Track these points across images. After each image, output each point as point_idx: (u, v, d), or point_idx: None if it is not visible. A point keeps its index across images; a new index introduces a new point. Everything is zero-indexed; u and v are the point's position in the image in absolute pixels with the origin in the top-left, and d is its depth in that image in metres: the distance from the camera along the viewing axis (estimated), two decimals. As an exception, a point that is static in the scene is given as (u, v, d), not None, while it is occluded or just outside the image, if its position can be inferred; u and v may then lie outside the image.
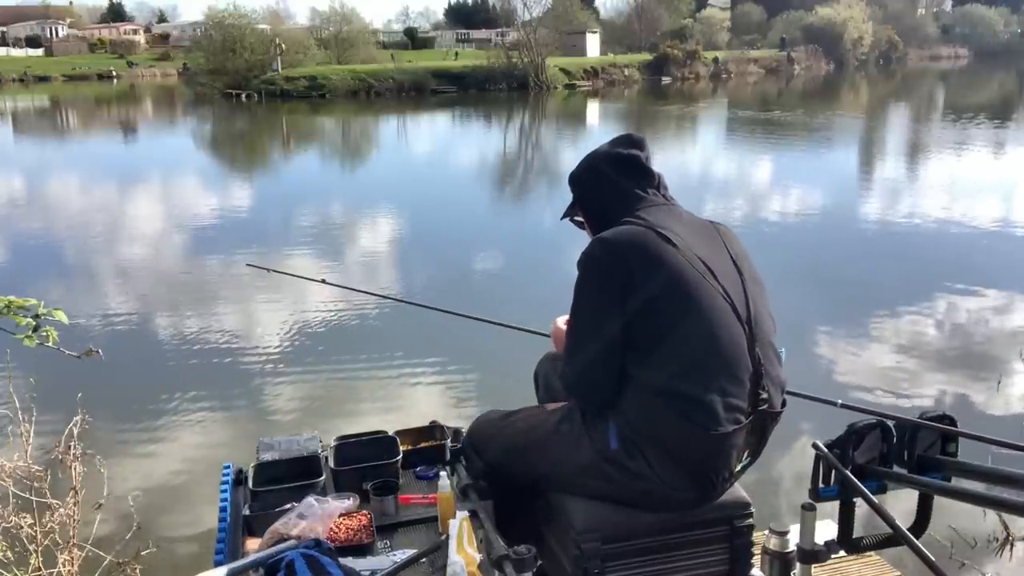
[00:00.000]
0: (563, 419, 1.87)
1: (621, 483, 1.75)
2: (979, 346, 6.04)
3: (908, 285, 7.51)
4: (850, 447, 1.69)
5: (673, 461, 1.70)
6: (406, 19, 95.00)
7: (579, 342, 1.77)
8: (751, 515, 1.82)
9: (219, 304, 7.44)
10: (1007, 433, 1.73)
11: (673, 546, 1.79)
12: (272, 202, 13.25)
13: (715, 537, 1.82)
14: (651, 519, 1.76)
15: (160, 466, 4.45)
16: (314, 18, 55.80)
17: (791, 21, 61.24)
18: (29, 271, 8.90)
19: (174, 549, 3.59)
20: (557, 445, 1.85)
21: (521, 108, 33.74)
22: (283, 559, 1.79)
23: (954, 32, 73.63)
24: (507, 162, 18.83)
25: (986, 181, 13.35)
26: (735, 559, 1.83)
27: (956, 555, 3.38)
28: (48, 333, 1.83)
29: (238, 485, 2.34)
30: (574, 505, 1.79)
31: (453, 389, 5.41)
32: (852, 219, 10.69)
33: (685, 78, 47.55)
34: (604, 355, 1.72)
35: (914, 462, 1.68)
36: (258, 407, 5.25)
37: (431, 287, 7.98)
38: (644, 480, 1.73)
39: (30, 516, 2.72)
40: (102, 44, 70.53)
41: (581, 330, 1.78)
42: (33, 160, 20.02)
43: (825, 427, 1.98)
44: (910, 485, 1.67)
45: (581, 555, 1.72)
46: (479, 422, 2.17)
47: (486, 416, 2.17)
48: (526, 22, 45.34)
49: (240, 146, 23.65)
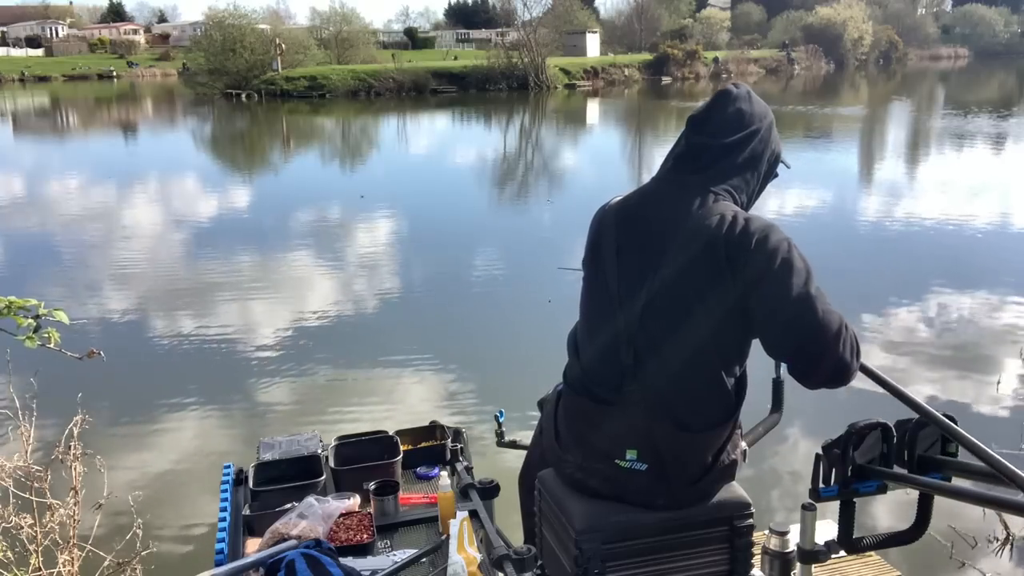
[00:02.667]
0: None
1: (559, 469, 1.82)
2: (980, 345, 6.04)
3: (908, 284, 7.51)
4: (850, 447, 1.69)
5: (573, 441, 1.77)
6: (406, 19, 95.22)
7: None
8: (751, 515, 1.82)
9: (219, 304, 7.44)
10: (1007, 433, 1.73)
11: (673, 546, 1.79)
12: (272, 201, 13.25)
13: (715, 537, 1.81)
14: (652, 519, 1.76)
15: (160, 466, 4.45)
16: (314, 18, 55.81)
17: (791, 21, 61.29)
18: (29, 271, 8.90)
19: (174, 549, 3.59)
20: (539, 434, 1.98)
21: (521, 108, 33.74)
22: (283, 559, 1.80)
23: (954, 32, 73.65)
24: (507, 161, 18.82)
25: (985, 179, 13.34)
26: (735, 559, 1.83)
27: (956, 555, 3.38)
28: (50, 334, 1.83)
29: (238, 485, 2.35)
30: (574, 505, 1.79)
31: (453, 389, 5.41)
32: (852, 216, 10.70)
33: (685, 78, 47.57)
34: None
35: (914, 462, 1.68)
36: (258, 407, 5.25)
37: (430, 286, 7.98)
38: (567, 463, 1.79)
39: (30, 516, 2.72)
40: (102, 44, 70.55)
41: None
42: (33, 160, 20.03)
43: (825, 427, 1.98)
44: (910, 485, 1.67)
45: (581, 555, 1.72)
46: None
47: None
48: (526, 22, 45.32)
49: (240, 146, 23.65)
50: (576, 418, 1.77)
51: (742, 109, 1.71)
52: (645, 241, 1.68)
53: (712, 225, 1.60)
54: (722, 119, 1.70)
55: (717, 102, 1.73)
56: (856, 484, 1.69)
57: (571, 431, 1.78)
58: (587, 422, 1.74)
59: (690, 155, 1.71)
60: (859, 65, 58.72)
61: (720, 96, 1.74)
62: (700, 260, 1.60)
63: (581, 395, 1.74)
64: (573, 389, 1.76)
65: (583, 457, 1.75)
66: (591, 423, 1.74)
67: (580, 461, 1.76)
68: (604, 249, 1.73)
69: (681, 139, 1.74)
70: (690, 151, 1.71)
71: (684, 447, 1.68)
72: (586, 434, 1.75)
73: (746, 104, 1.72)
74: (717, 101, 1.73)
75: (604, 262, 1.72)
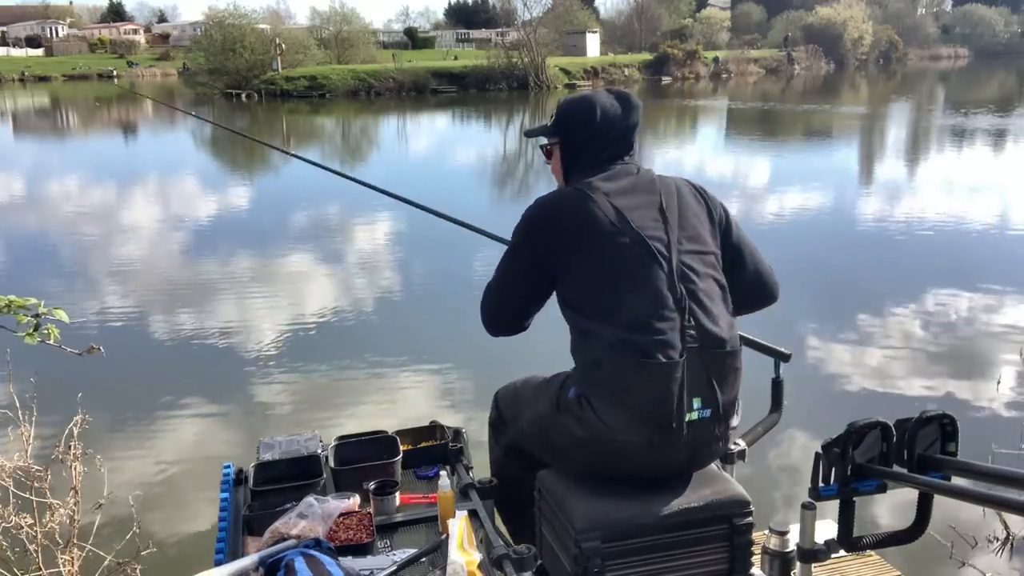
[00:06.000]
0: (554, 376, 1.97)
1: (575, 434, 1.80)
2: (980, 345, 6.04)
3: (909, 283, 7.50)
4: (850, 446, 1.69)
5: (618, 405, 1.75)
6: (406, 19, 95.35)
7: (502, 274, 1.96)
8: (751, 514, 1.82)
9: (219, 303, 7.44)
10: (1007, 433, 1.73)
11: (673, 545, 1.79)
12: (272, 201, 13.25)
13: (715, 536, 1.82)
14: (651, 518, 1.77)
15: (160, 466, 4.45)
16: (314, 18, 55.85)
17: (791, 21, 61.32)
18: (29, 271, 8.90)
19: (174, 549, 3.59)
20: (541, 399, 1.95)
21: (521, 108, 33.75)
22: (283, 559, 1.80)
23: (954, 32, 73.68)
24: (507, 161, 18.83)
25: (986, 179, 13.34)
26: (735, 558, 1.83)
27: (956, 555, 3.38)
28: (49, 331, 1.83)
29: (238, 485, 2.35)
30: (574, 504, 1.79)
31: (453, 389, 5.41)
32: (851, 214, 10.70)
33: (685, 78, 47.60)
34: (518, 297, 1.96)
35: (914, 461, 1.68)
36: (258, 407, 5.24)
37: (430, 285, 7.98)
38: (591, 427, 1.77)
39: (30, 516, 2.72)
40: (102, 44, 70.61)
41: (505, 267, 1.96)
42: (33, 159, 20.03)
43: (825, 426, 1.98)
44: (910, 484, 1.66)
45: (581, 554, 1.72)
46: (505, 389, 2.25)
47: (511, 384, 2.23)
48: (526, 22, 45.33)
49: (240, 146, 23.65)
50: (628, 385, 1.74)
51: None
52: (641, 210, 1.85)
53: (683, 185, 1.95)
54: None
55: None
56: (856, 483, 1.69)
57: (619, 400, 1.75)
58: (644, 384, 1.72)
59: (635, 150, 2.02)
60: (859, 65, 58.74)
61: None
62: (700, 213, 1.90)
63: (633, 357, 1.72)
64: (620, 354, 1.73)
65: (641, 422, 1.73)
66: (649, 383, 1.72)
67: (637, 428, 1.73)
68: (607, 226, 1.81)
69: (626, 140, 2.00)
70: (633, 147, 2.02)
71: (732, 379, 1.80)
72: (642, 397, 1.73)
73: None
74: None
75: (615, 236, 1.80)
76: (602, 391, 1.77)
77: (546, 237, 1.87)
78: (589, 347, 1.79)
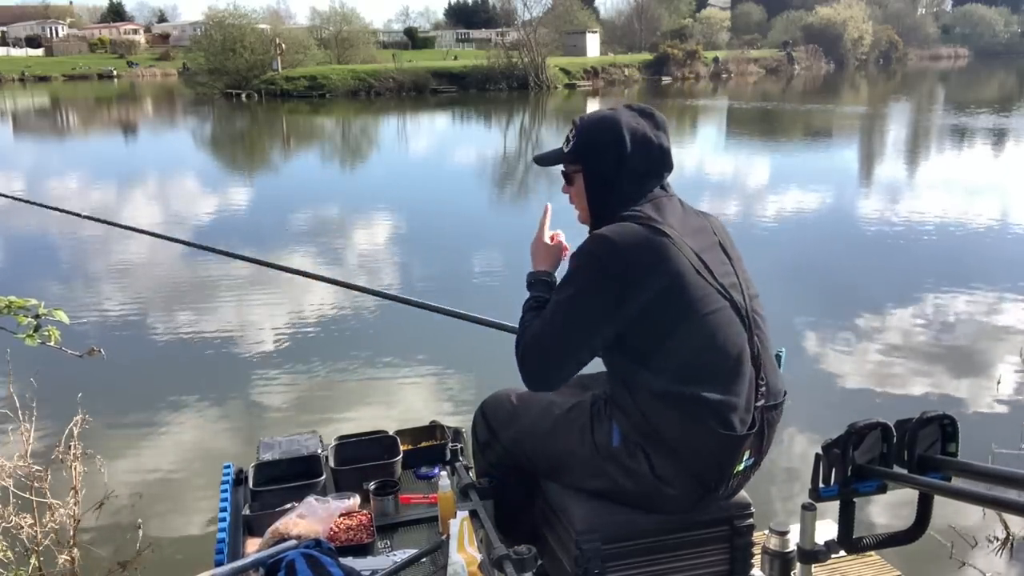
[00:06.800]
0: (573, 408, 1.87)
1: (619, 482, 1.75)
2: (980, 345, 6.04)
3: (909, 283, 7.50)
4: (850, 447, 1.69)
5: (677, 462, 1.70)
6: (406, 19, 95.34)
7: (564, 323, 1.70)
8: (751, 515, 1.82)
9: (219, 304, 7.44)
10: (1007, 433, 1.73)
11: (673, 546, 1.79)
12: (272, 201, 13.24)
13: (715, 537, 1.82)
14: (651, 520, 1.77)
15: (160, 466, 4.45)
16: (314, 18, 55.86)
17: (791, 21, 61.34)
18: (29, 271, 8.89)
19: (174, 549, 3.58)
20: (564, 435, 1.85)
21: (521, 108, 33.73)
22: (283, 559, 1.79)
23: (954, 32, 73.69)
24: (507, 161, 18.82)
25: (986, 178, 13.34)
26: (735, 559, 1.83)
27: (956, 555, 3.38)
28: (50, 332, 1.83)
29: (238, 485, 2.34)
30: (574, 505, 1.79)
31: (453, 389, 5.41)
32: (851, 214, 10.69)
33: (685, 78, 47.60)
34: (580, 348, 1.71)
35: (914, 462, 1.68)
36: (258, 407, 5.24)
37: (430, 286, 7.97)
38: (642, 480, 1.72)
39: (30, 516, 2.73)
40: (102, 44, 70.57)
41: (570, 316, 1.70)
42: (33, 159, 20.02)
43: (825, 427, 1.98)
44: (910, 485, 1.66)
45: (581, 555, 1.72)
46: (495, 401, 2.11)
47: (500, 395, 2.11)
48: (526, 22, 45.35)
49: (240, 145, 23.65)
50: (696, 449, 1.68)
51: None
52: (712, 256, 1.74)
53: (723, 225, 1.86)
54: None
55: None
56: (856, 484, 1.69)
57: (680, 460, 1.69)
58: (712, 450, 1.68)
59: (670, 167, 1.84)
60: (859, 65, 58.75)
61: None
62: (740, 257, 1.82)
63: (707, 423, 1.65)
64: (693, 418, 1.65)
65: (697, 481, 1.71)
66: (719, 451, 1.68)
67: (692, 486, 1.71)
68: (691, 275, 1.67)
69: (662, 160, 1.82)
70: (671, 167, 1.84)
71: (779, 426, 1.80)
72: (709, 462, 1.69)
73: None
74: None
75: (700, 287, 1.67)
76: (661, 449, 1.69)
77: (628, 277, 1.64)
78: (653, 404, 1.67)
